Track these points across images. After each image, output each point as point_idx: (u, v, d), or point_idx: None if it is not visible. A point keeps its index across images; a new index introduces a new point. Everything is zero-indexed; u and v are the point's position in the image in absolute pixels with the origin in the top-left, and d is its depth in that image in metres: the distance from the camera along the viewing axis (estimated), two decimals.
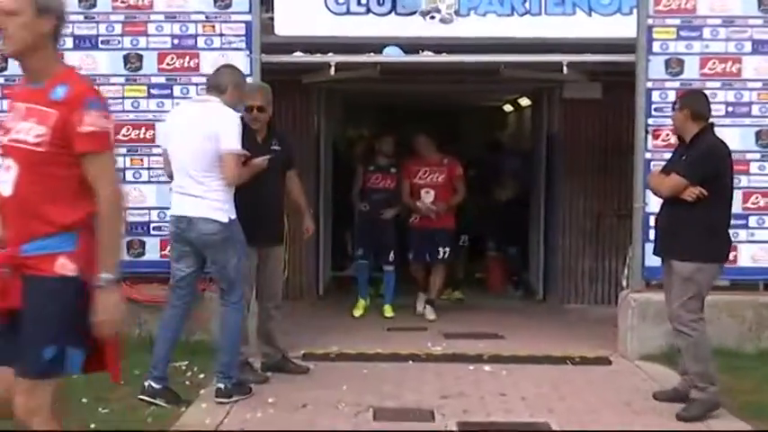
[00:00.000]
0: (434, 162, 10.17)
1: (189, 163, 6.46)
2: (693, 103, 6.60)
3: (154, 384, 6.50)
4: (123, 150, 8.17)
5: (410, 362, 7.89)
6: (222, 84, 6.63)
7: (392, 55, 8.62)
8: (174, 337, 6.74)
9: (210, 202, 6.42)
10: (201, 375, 7.19)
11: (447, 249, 10.12)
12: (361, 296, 10.24)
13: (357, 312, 10.10)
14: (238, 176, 6.48)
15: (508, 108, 14.61)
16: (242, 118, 6.72)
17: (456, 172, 10.20)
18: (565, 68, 8.40)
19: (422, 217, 10.10)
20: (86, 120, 3.92)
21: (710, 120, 6.64)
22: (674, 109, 6.73)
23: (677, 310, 6.46)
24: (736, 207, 7.99)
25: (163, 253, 8.18)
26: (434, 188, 10.10)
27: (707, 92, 7.89)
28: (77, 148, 3.92)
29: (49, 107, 3.94)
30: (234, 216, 6.51)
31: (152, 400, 6.45)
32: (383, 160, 10.23)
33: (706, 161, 6.44)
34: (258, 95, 7.09)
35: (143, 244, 8.22)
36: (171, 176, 6.74)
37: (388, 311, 10.09)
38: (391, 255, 10.12)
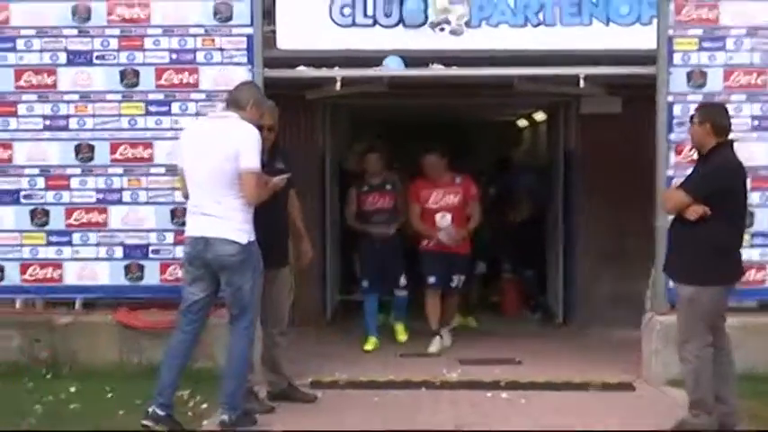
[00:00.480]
0: (447, 182, 9.78)
1: (207, 181, 6.50)
2: (715, 117, 6.62)
3: (158, 411, 6.51)
4: (120, 170, 8.27)
5: (423, 389, 7.92)
6: (242, 100, 6.68)
7: (393, 66, 8.66)
8: (182, 364, 6.75)
9: (230, 223, 6.47)
10: (204, 405, 7.22)
11: (462, 277, 9.83)
12: (371, 334, 9.87)
13: (368, 347, 9.75)
14: (258, 196, 6.53)
15: (522, 123, 14.67)
16: None
17: (471, 191, 9.84)
18: (581, 82, 8.42)
19: (437, 241, 9.66)
20: None
21: (730, 135, 6.66)
22: (691, 122, 6.74)
23: (683, 334, 6.52)
24: (764, 225, 8.10)
25: (163, 277, 8.25)
26: (450, 210, 9.67)
27: (731, 105, 7.98)
28: None
29: None
30: (253, 238, 6.56)
31: (155, 426, 6.46)
32: (375, 179, 9.99)
33: (712, 178, 6.47)
34: (269, 114, 7.14)
35: (141, 268, 8.28)
36: (187, 196, 6.76)
37: (401, 334, 10.01)
38: (402, 278, 9.94)
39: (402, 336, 10.02)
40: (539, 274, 12.15)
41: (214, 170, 6.46)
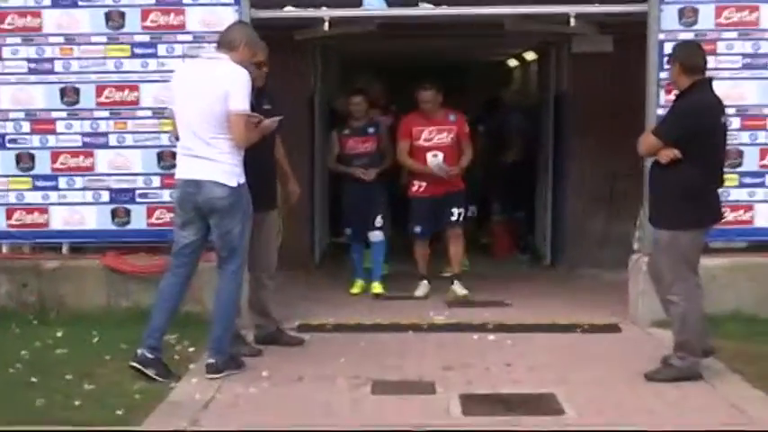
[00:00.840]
0: (441, 120, 9.44)
1: (197, 124, 6.47)
2: (684, 55, 6.57)
3: (147, 354, 6.52)
4: (106, 114, 8.22)
5: (411, 332, 7.93)
6: (235, 40, 6.62)
7: (375, 6, 8.56)
8: (173, 307, 6.75)
9: (220, 165, 6.45)
10: (192, 349, 7.23)
11: (461, 210, 9.51)
12: (357, 276, 9.82)
13: (355, 290, 9.69)
14: (247, 138, 6.50)
15: (513, 63, 14.57)
16: None
17: (465, 130, 9.54)
18: (572, 20, 8.33)
19: (428, 184, 9.40)
20: None
21: (706, 73, 6.60)
22: (668, 62, 6.67)
23: (668, 278, 6.51)
24: (753, 165, 8.08)
25: (150, 221, 8.23)
26: (442, 150, 9.36)
27: (722, 43, 7.94)
28: None
29: None
30: (243, 180, 6.54)
31: (143, 368, 6.47)
32: (357, 122, 9.70)
33: (681, 120, 6.43)
34: (261, 51, 7.05)
35: (128, 212, 8.25)
36: (177, 138, 6.74)
37: (377, 288, 9.58)
38: (379, 219, 9.62)
39: (378, 290, 9.57)
40: (529, 215, 12.15)
41: (204, 112, 6.43)
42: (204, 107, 6.42)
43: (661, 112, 7.96)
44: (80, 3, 8.18)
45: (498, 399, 6.19)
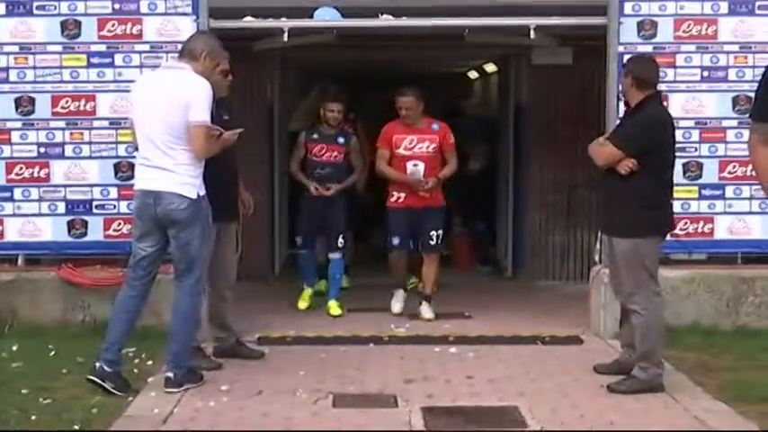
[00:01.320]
0: (423, 128, 8.97)
1: (157, 134, 6.40)
2: (638, 69, 6.66)
3: (105, 367, 6.45)
4: (62, 124, 8.13)
5: (372, 344, 7.91)
6: (196, 50, 6.58)
7: (326, 17, 8.55)
8: (131, 320, 6.67)
9: (180, 176, 6.39)
10: (150, 362, 7.17)
11: (440, 233, 9.05)
12: (307, 284, 9.41)
13: (302, 305, 9.26)
14: (206, 150, 6.45)
15: (474, 75, 14.61)
16: None
17: (449, 140, 8.99)
18: (532, 32, 8.37)
19: (407, 195, 8.94)
20: None
21: (658, 88, 6.73)
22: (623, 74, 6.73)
23: (629, 288, 6.56)
24: (712, 177, 8.15)
25: (107, 233, 8.15)
26: (424, 160, 8.89)
27: (681, 56, 8.02)
28: None
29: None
30: (203, 192, 6.49)
31: (101, 382, 6.39)
32: (329, 129, 9.30)
33: (644, 132, 6.50)
34: (226, 60, 6.97)
35: (85, 224, 8.16)
36: (137, 148, 6.67)
37: (335, 309, 9.11)
38: (340, 239, 9.25)
39: (335, 310, 9.12)
40: (490, 227, 12.17)
41: (164, 122, 6.37)
42: (164, 117, 6.36)
43: None
44: (35, 11, 8.09)
45: (460, 411, 6.18)
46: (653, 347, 6.53)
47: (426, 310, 8.97)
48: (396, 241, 9.03)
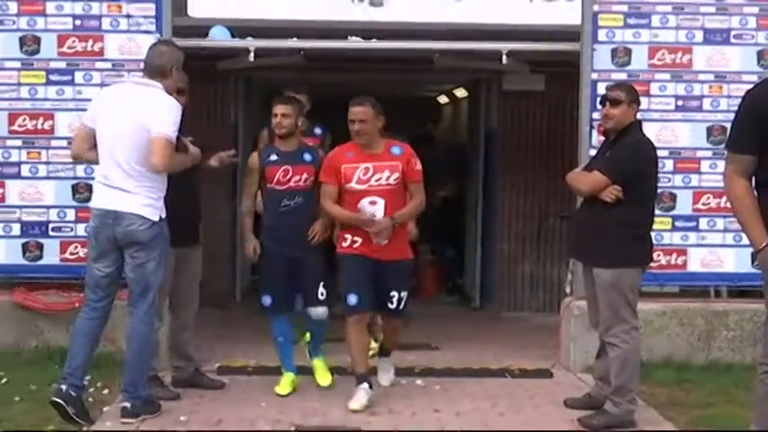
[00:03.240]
0: (381, 153, 7.02)
1: (120, 153, 6.30)
2: (636, 96, 6.70)
3: (71, 391, 6.33)
4: (18, 143, 8.05)
5: (335, 375, 7.84)
6: (165, 66, 6.48)
7: (218, 36, 8.51)
8: (93, 342, 6.55)
9: (141, 198, 6.31)
10: (106, 391, 7.07)
11: (404, 294, 7.10)
12: (287, 368, 7.50)
13: (282, 390, 7.33)
14: (168, 164, 6.32)
15: (444, 100, 14.64)
16: None
17: (414, 165, 7.03)
18: (504, 58, 8.43)
19: (364, 240, 6.94)
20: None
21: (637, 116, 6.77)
22: (612, 102, 6.65)
23: (607, 320, 6.55)
24: (686, 209, 8.20)
25: (63, 256, 8.05)
26: (384, 196, 6.89)
27: (655, 84, 8.08)
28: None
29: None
30: (164, 215, 6.43)
31: (65, 405, 6.25)
32: (286, 143, 7.33)
33: (631, 159, 6.53)
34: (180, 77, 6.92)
35: (40, 246, 8.06)
36: (76, 156, 6.62)
37: (322, 374, 7.59)
38: (321, 289, 7.32)
39: (324, 378, 7.59)
40: (458, 255, 12.17)
41: (129, 140, 6.27)
42: (130, 135, 6.27)
43: (593, 151, 8.05)
44: None
45: None
46: (628, 382, 6.52)
47: (385, 376, 7.54)
48: (352, 299, 6.94)
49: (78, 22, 8.02)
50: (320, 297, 7.30)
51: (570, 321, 8.09)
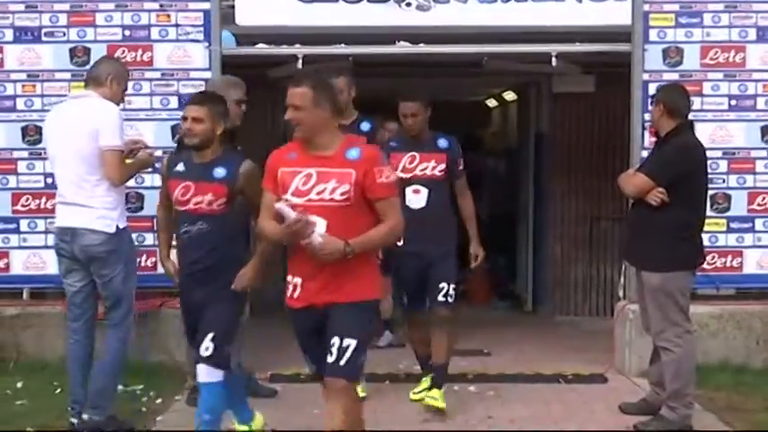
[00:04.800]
0: (334, 155, 5.03)
1: (69, 167, 6.26)
2: (669, 98, 6.62)
3: (95, 417, 6.27)
4: None
5: (387, 382, 7.81)
6: (101, 75, 6.42)
7: (226, 44, 8.48)
8: (85, 368, 6.43)
9: (95, 210, 6.21)
10: (159, 400, 7.11)
11: (349, 344, 4.99)
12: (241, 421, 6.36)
13: None
14: (121, 175, 6.28)
15: (492, 103, 14.57)
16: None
17: (379, 177, 4.99)
18: (554, 60, 8.35)
19: (305, 280, 5.11)
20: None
21: (689, 117, 6.69)
22: (652, 103, 6.66)
23: (658, 324, 6.47)
24: (741, 210, 8.07)
25: None
26: (325, 216, 4.90)
27: (708, 84, 7.95)
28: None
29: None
30: (124, 225, 6.34)
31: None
32: (201, 155, 5.84)
33: (676, 162, 6.45)
34: (240, 88, 6.90)
35: None
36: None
37: None
38: (208, 342, 5.68)
39: None
40: (510, 260, 12.09)
41: (75, 154, 6.22)
42: (75, 149, 6.22)
43: (645, 153, 7.96)
44: (44, 38, 8.08)
45: None
46: (684, 386, 6.43)
47: None
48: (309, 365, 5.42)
49: (128, 33, 8.06)
50: (204, 353, 5.67)
51: (624, 325, 7.99)
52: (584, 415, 6.94)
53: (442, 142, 7.16)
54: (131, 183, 7.05)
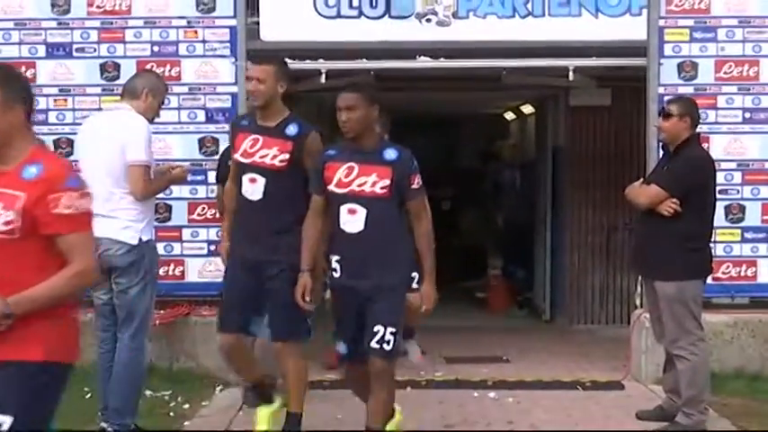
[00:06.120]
0: (11, 171, 3.91)
1: (96, 179, 6.08)
2: (694, 111, 6.67)
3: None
4: None
5: (409, 388, 7.84)
6: (137, 88, 6.41)
7: None
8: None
9: (119, 221, 6.15)
10: (186, 406, 7.14)
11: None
12: None
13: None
14: (144, 190, 6.23)
15: (510, 116, 14.61)
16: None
17: (52, 204, 3.84)
18: (571, 74, 8.41)
19: None
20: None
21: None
22: (665, 115, 6.65)
23: (673, 332, 6.49)
24: (755, 220, 8.09)
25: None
26: None
27: (722, 97, 7.99)
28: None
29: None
30: (148, 238, 6.29)
31: None
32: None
33: (689, 174, 6.51)
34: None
35: None
36: None
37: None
38: None
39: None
40: (528, 270, 12.12)
41: (103, 166, 6.18)
42: (103, 161, 6.19)
43: None
44: (75, 54, 8.18)
45: None
46: (699, 393, 6.46)
47: None
48: None
49: (156, 48, 8.16)
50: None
51: (641, 333, 8.01)
52: (601, 421, 6.96)
53: (390, 153, 5.65)
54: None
